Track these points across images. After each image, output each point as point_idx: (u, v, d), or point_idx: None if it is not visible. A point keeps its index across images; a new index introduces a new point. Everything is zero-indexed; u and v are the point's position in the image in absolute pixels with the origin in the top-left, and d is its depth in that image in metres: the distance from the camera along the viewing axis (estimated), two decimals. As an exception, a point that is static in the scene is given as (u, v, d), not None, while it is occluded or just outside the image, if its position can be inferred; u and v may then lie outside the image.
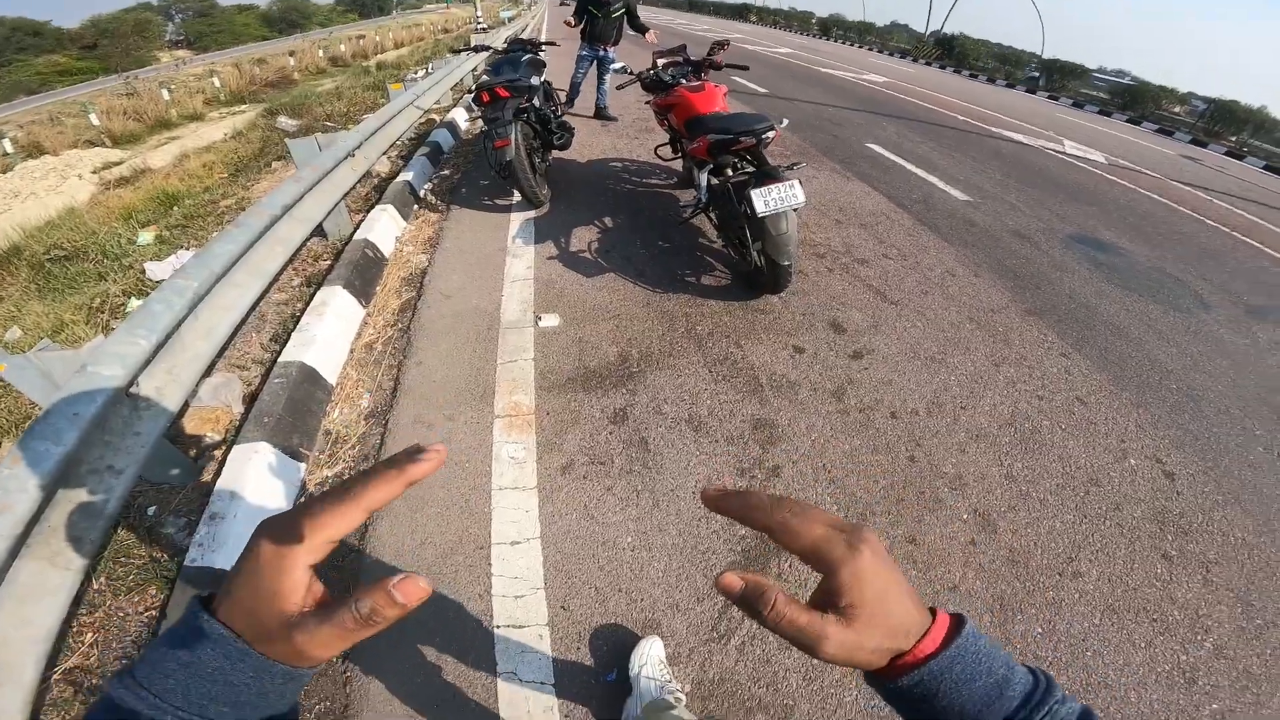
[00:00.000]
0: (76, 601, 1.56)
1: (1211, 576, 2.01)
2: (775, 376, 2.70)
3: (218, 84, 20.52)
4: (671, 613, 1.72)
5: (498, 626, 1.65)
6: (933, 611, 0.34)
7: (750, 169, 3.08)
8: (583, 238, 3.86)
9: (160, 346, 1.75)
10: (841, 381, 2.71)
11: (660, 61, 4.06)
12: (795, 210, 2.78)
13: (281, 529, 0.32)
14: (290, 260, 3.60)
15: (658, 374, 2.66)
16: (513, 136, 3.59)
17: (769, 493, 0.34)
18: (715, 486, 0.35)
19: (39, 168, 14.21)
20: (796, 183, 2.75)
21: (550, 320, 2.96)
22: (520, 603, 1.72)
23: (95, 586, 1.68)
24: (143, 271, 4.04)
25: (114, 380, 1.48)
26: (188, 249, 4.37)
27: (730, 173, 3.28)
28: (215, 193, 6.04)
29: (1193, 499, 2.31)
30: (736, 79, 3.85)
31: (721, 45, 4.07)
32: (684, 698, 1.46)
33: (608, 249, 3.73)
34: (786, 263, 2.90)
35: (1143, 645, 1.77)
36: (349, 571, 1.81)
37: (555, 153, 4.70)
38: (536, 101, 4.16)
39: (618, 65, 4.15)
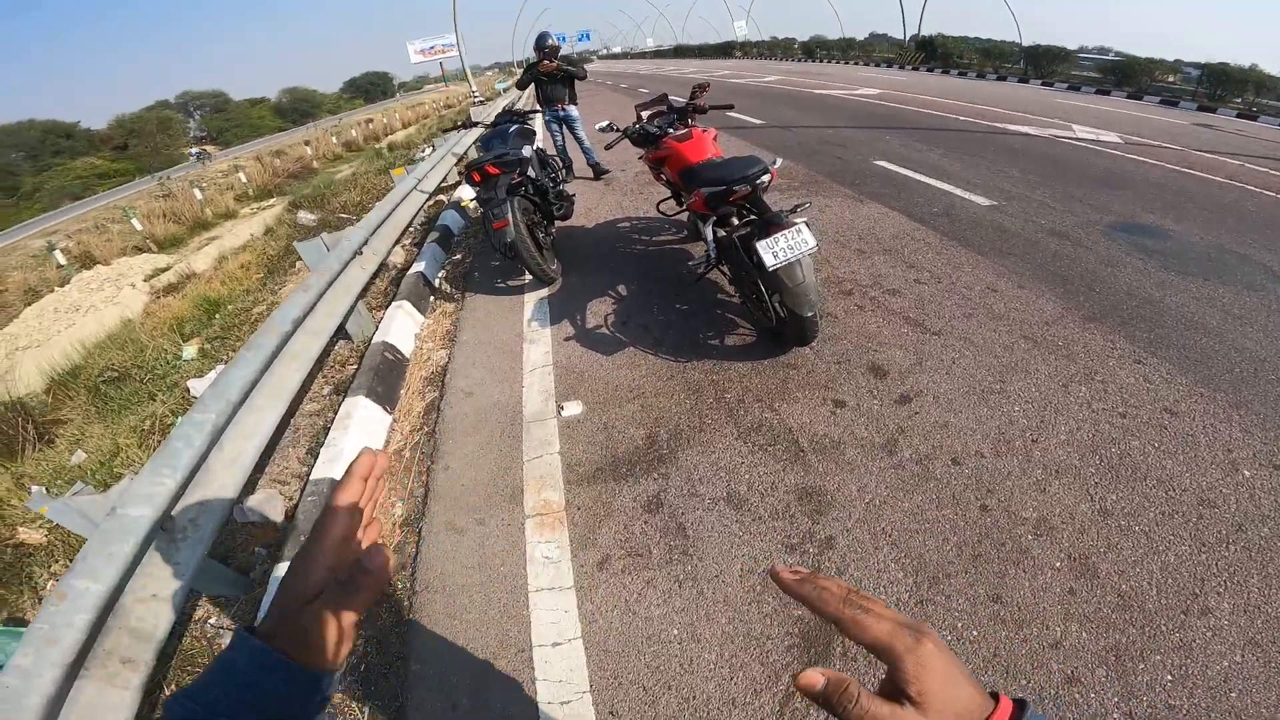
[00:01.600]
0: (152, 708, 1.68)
1: None
2: (817, 438, 2.51)
3: (244, 179, 21.69)
4: (728, 709, 1.58)
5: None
6: (995, 696, 0.34)
7: (753, 217, 2.96)
8: (598, 311, 3.77)
9: (189, 480, 1.85)
10: (891, 432, 2.49)
11: (644, 114, 4.00)
12: (810, 255, 2.63)
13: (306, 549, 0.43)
14: (316, 372, 3.64)
15: (689, 452, 2.50)
16: (510, 216, 3.54)
17: (838, 580, 0.36)
18: (789, 568, 0.37)
19: (94, 278, 15.05)
20: (804, 226, 2.59)
21: (573, 408, 2.84)
22: (567, 709, 1.63)
23: (169, 692, 1.78)
24: (187, 390, 4.15)
25: (144, 519, 1.61)
26: (225, 362, 4.49)
27: (735, 221, 3.16)
28: (249, 299, 6.25)
29: None
30: (735, 115, 3.80)
31: (703, 88, 4.00)
32: None
33: (624, 320, 3.63)
34: (810, 314, 2.74)
35: None
36: (395, 681, 1.79)
37: (560, 222, 4.66)
38: (532, 172, 4.14)
39: (603, 124, 4.11)
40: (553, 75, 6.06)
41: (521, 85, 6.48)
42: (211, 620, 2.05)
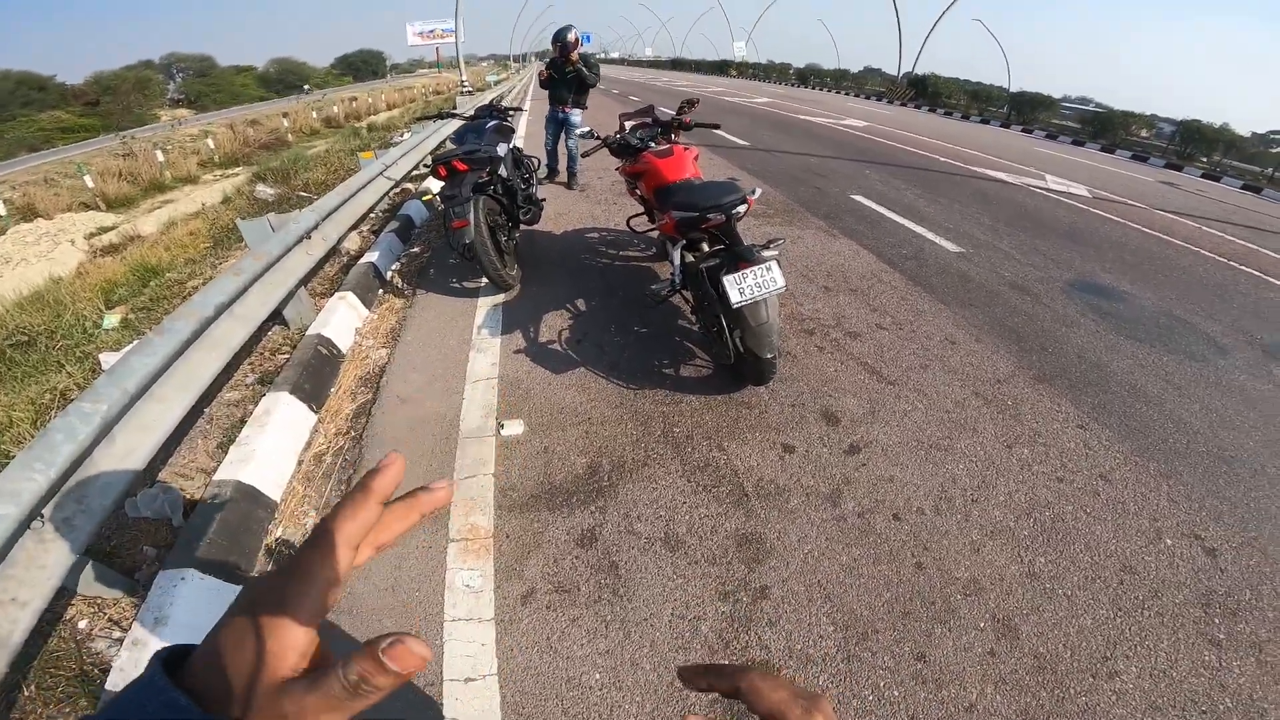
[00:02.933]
0: (8, 708, 1.60)
1: (1265, 657, 1.82)
2: (762, 482, 2.42)
3: (211, 145, 20.79)
4: None
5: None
6: None
7: (722, 246, 2.85)
8: (553, 325, 3.61)
9: (67, 475, 1.68)
10: (837, 483, 2.43)
11: (627, 124, 3.86)
12: (776, 295, 2.53)
13: (273, 588, 0.29)
14: (243, 357, 3.38)
15: (631, 487, 2.38)
16: (471, 216, 3.37)
17: (739, 664, 0.38)
18: (686, 665, 0.38)
19: (31, 232, 14.17)
20: (774, 264, 2.49)
21: (514, 428, 2.68)
22: None
23: (27, 693, 1.64)
24: (98, 364, 3.82)
25: (8, 518, 1.46)
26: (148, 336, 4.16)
27: (705, 248, 3.05)
28: (188, 270, 5.87)
29: (1238, 575, 2.11)
30: (720, 134, 3.72)
31: (691, 104, 3.89)
32: None
33: (579, 338, 3.48)
34: (769, 355, 2.64)
35: None
36: None
37: (526, 227, 4.48)
38: (503, 171, 3.97)
39: (583, 130, 3.97)
40: (563, 74, 5.77)
41: (548, 70, 5.95)
42: (83, 623, 1.86)
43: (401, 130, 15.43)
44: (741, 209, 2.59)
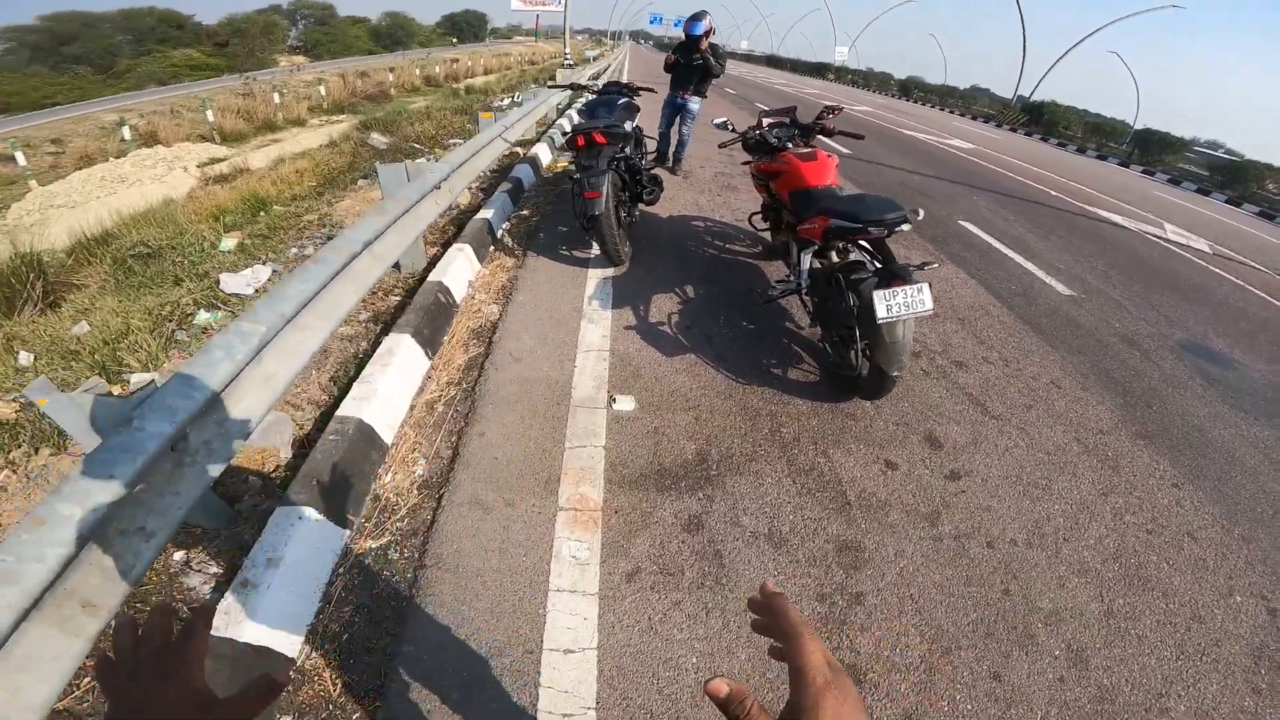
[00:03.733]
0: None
1: None
2: (865, 494, 2.43)
3: (323, 92, 21.84)
4: None
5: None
6: None
7: (859, 257, 2.82)
8: (662, 307, 3.67)
9: (217, 395, 1.60)
10: (936, 505, 2.43)
11: (767, 121, 3.84)
12: (919, 318, 2.50)
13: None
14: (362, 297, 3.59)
15: (738, 480, 2.42)
16: (604, 189, 3.46)
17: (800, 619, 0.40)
18: (768, 587, 0.44)
19: (150, 156, 15.29)
20: (926, 286, 2.45)
21: (626, 403, 2.76)
22: None
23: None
24: (216, 282, 4.05)
25: (159, 437, 1.34)
26: (264, 263, 4.39)
27: (835, 257, 3.03)
28: (301, 205, 6.20)
29: None
30: (819, 136, 3.69)
31: (833, 110, 3.82)
32: None
33: (688, 324, 3.53)
34: (895, 373, 2.62)
35: None
36: (380, 657, 1.66)
37: (645, 206, 4.55)
38: (628, 150, 4.04)
39: (720, 120, 3.97)
40: (690, 60, 5.69)
41: (668, 68, 5.90)
42: (177, 555, 1.84)
43: (501, 95, 15.75)
44: (905, 227, 2.56)
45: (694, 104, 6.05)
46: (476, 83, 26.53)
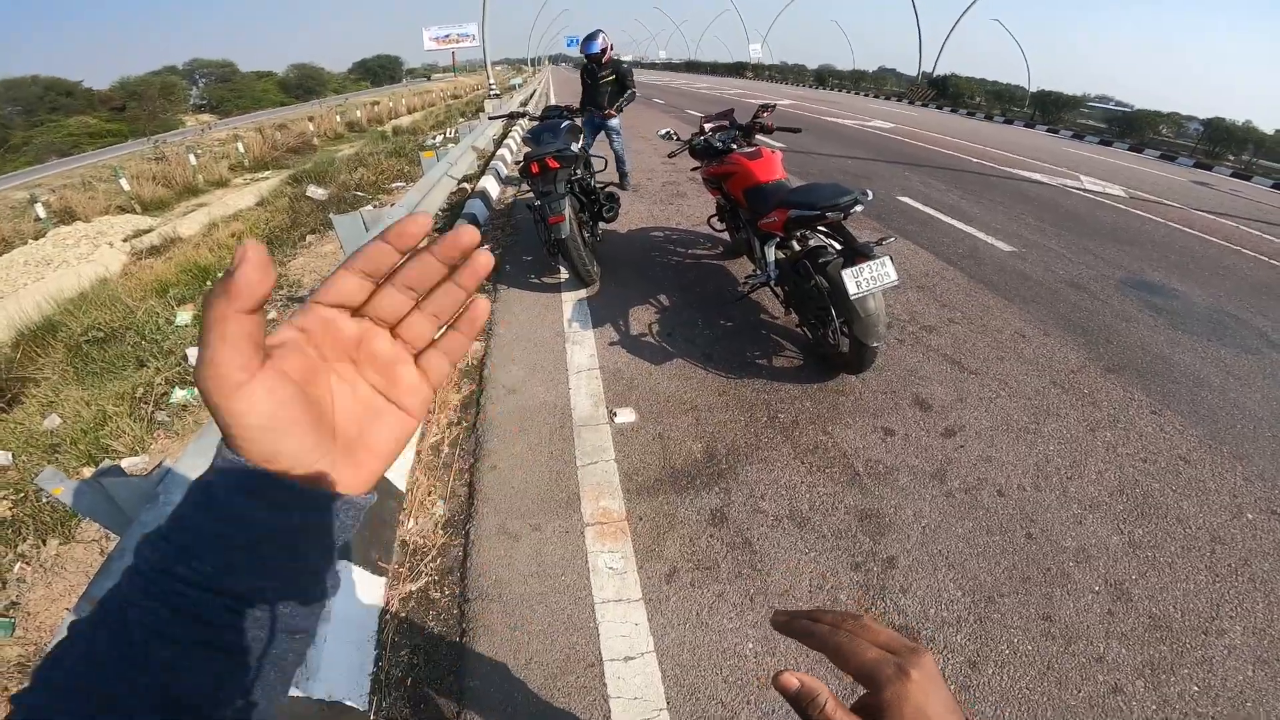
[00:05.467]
0: None
1: None
2: (871, 463, 2.54)
3: (241, 149, 21.18)
4: None
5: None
6: None
7: (819, 243, 2.96)
8: (641, 319, 3.75)
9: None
10: (940, 462, 2.56)
11: (708, 126, 3.98)
12: (887, 289, 2.65)
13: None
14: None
15: (749, 469, 2.50)
16: (567, 212, 3.51)
17: (836, 611, 0.36)
18: (783, 611, 0.37)
19: (71, 234, 14.47)
20: (888, 259, 2.62)
21: (626, 415, 2.81)
22: None
23: None
24: (184, 358, 3.95)
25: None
26: None
27: (797, 246, 3.17)
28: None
29: None
30: (760, 137, 3.84)
31: (767, 109, 4.00)
32: None
33: (669, 331, 3.62)
34: (875, 344, 2.76)
35: None
36: (449, 699, 1.67)
37: (605, 224, 4.62)
38: (580, 171, 4.11)
39: (664, 131, 4.09)
40: (597, 79, 5.76)
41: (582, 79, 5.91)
42: None
43: (432, 132, 15.66)
44: (859, 208, 2.71)
45: (614, 121, 6.11)
46: (403, 123, 26.26)
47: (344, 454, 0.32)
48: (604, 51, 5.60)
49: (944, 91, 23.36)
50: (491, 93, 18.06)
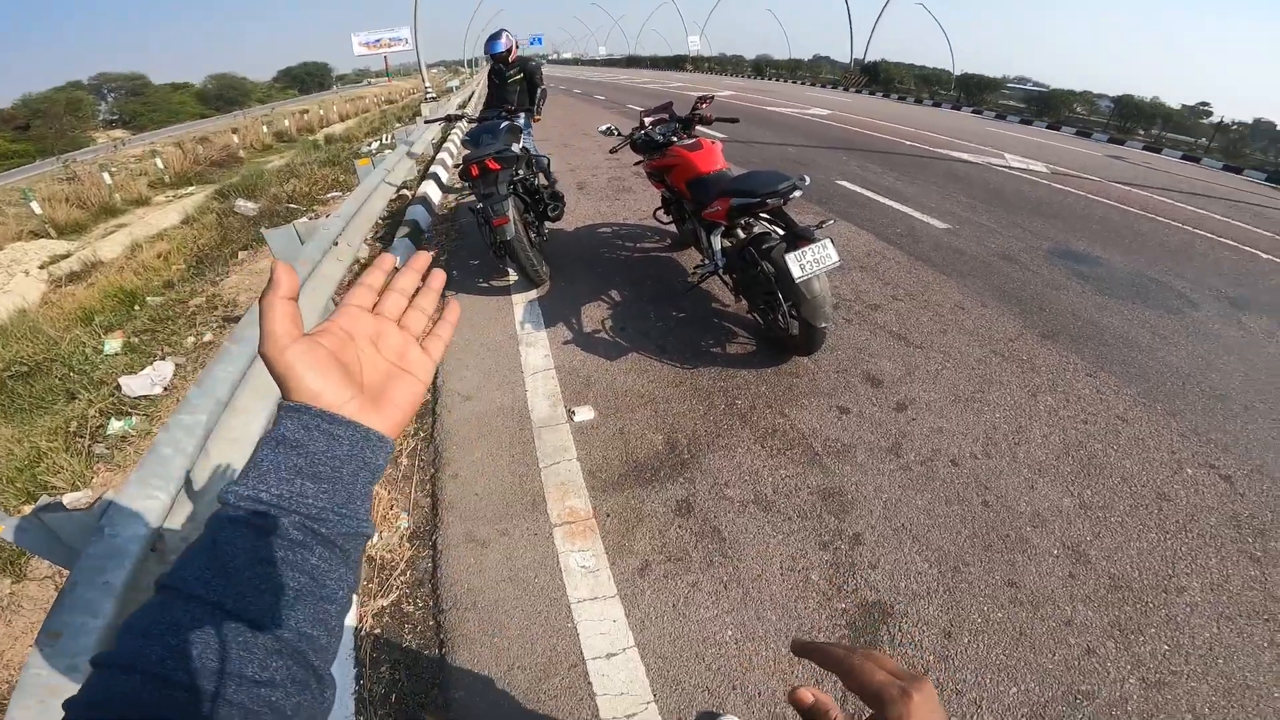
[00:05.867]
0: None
1: None
2: (829, 442, 2.61)
3: (160, 165, 19.95)
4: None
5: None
6: None
7: (763, 229, 3.01)
8: (593, 316, 3.73)
9: (178, 492, 1.61)
10: (894, 437, 2.65)
11: (648, 120, 3.99)
12: (830, 270, 2.72)
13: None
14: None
15: (711, 457, 2.53)
16: (511, 213, 3.46)
17: (848, 646, 0.40)
18: (800, 638, 0.43)
19: None
20: (829, 241, 2.69)
21: (585, 413, 2.79)
22: None
23: None
24: (117, 387, 3.75)
25: (137, 540, 1.39)
26: (162, 358, 4.10)
27: (742, 234, 3.21)
28: (182, 290, 5.74)
29: (1256, 499, 2.37)
30: (700, 130, 3.85)
31: (705, 100, 4.04)
32: None
33: (622, 325, 3.61)
34: (824, 325, 2.83)
35: (1266, 646, 1.78)
36: (436, 712, 1.64)
37: (551, 223, 4.56)
38: (521, 171, 4.05)
39: (604, 127, 4.07)
40: (505, 80, 5.50)
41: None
42: None
43: (367, 139, 15.16)
44: (797, 193, 2.77)
45: (521, 119, 5.54)
46: (335, 130, 25.27)
47: (371, 403, 0.42)
48: (509, 50, 5.42)
49: (875, 77, 24.14)
50: (428, 96, 17.59)
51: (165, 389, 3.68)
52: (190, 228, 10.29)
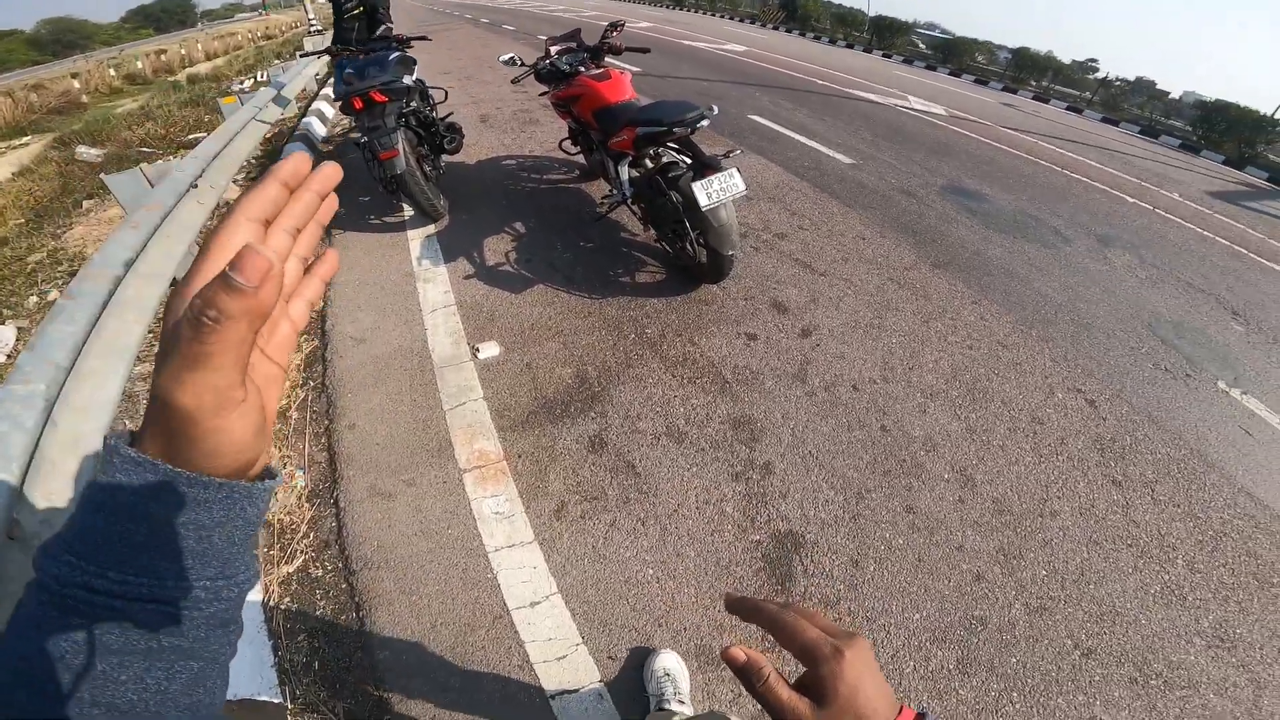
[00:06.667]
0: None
1: (1157, 495, 2.23)
2: (738, 369, 2.64)
3: (-15, 115, 16.91)
4: (718, 634, 1.67)
5: (552, 696, 1.51)
6: (900, 709, 0.37)
7: (673, 159, 2.93)
8: (497, 249, 3.54)
9: (25, 473, 1.44)
10: (800, 363, 2.71)
11: (554, 50, 3.72)
12: (737, 198, 2.68)
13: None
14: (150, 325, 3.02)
15: (622, 389, 2.49)
16: (400, 145, 3.17)
17: (778, 601, 0.39)
18: (733, 594, 0.41)
19: None
20: (735, 171, 2.64)
21: (490, 350, 2.66)
22: (565, 664, 1.59)
23: None
24: None
25: None
26: (2, 322, 3.58)
27: (650, 164, 3.11)
28: (18, 246, 4.95)
29: (1116, 423, 2.56)
30: (611, 61, 3.62)
31: (615, 27, 3.80)
32: (686, 702, 1.45)
33: (528, 257, 3.45)
34: (731, 252, 2.81)
35: (1130, 571, 1.92)
36: (363, 674, 1.57)
37: (448, 156, 4.23)
38: (415, 103, 3.72)
39: (506, 56, 3.75)
40: (343, 13, 4.66)
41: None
42: None
43: (238, 77, 13.50)
44: (704, 123, 2.68)
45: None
46: (200, 70, 22.28)
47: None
48: None
49: (793, 14, 23.94)
50: (312, 28, 15.67)
51: (8, 356, 3.22)
52: (28, 180, 8.86)
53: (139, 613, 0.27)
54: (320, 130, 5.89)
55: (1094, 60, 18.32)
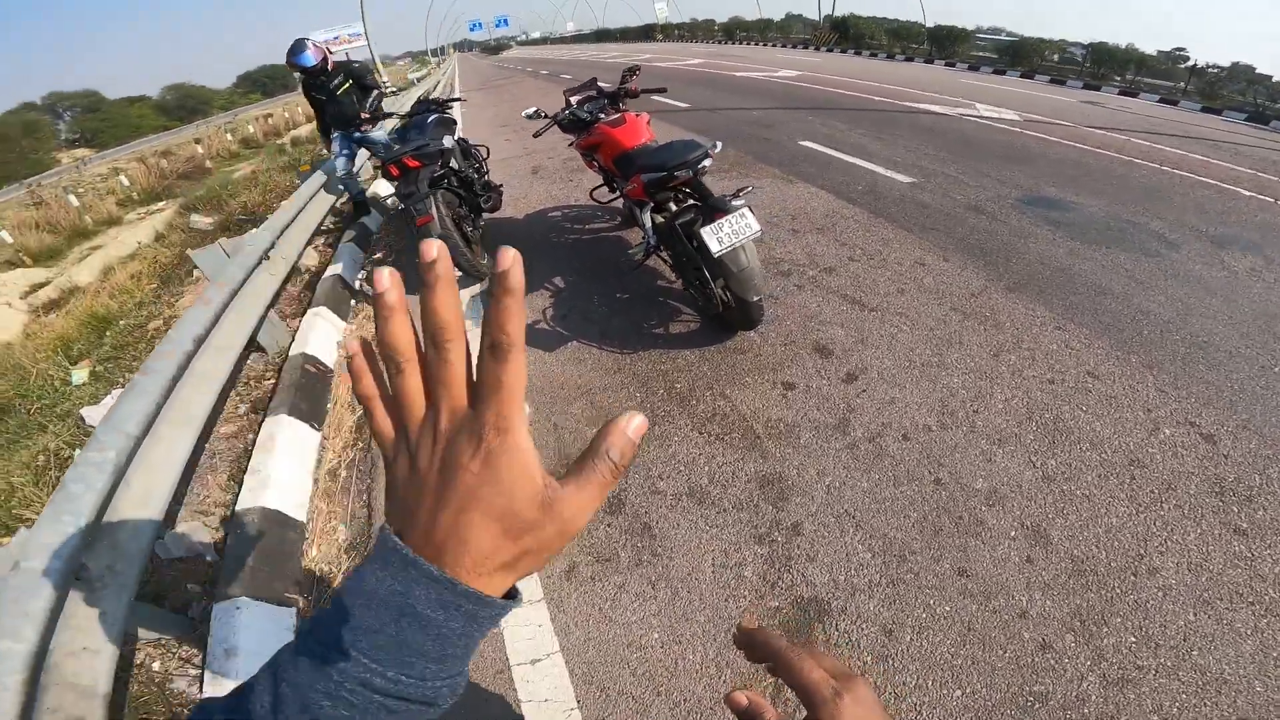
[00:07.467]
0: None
1: None
2: (771, 423, 2.50)
3: (125, 182, 19.61)
4: (721, 708, 1.54)
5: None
6: None
7: (690, 204, 2.89)
8: (536, 305, 3.61)
9: (96, 523, 1.69)
10: (842, 412, 2.52)
11: (573, 99, 3.83)
12: (753, 240, 2.59)
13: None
14: (228, 390, 3.31)
15: (645, 448, 2.43)
16: (434, 210, 3.34)
17: (787, 640, 0.37)
18: (747, 624, 0.39)
19: None
20: (747, 211, 2.56)
21: (520, 410, 2.70)
22: None
23: None
24: (81, 419, 3.76)
25: (55, 571, 1.49)
26: (123, 386, 4.11)
27: (674, 207, 3.09)
28: (143, 313, 5.64)
29: (1242, 460, 2.15)
30: (659, 99, 3.68)
31: (633, 71, 3.87)
32: None
33: (565, 313, 3.49)
34: (755, 298, 2.71)
35: (1248, 633, 1.61)
36: None
37: (489, 214, 4.43)
38: (455, 164, 3.92)
39: (529, 111, 3.89)
40: (329, 92, 4.87)
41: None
42: (156, 665, 1.89)
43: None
44: (707, 163, 2.65)
45: (377, 133, 5.25)
46: (301, 133, 24.80)
47: None
48: (324, 59, 4.85)
49: (846, 34, 23.52)
50: (388, 90, 17.12)
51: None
52: (161, 245, 10.11)
53: (403, 712, 0.29)
54: (388, 195, 6.33)
55: (1182, 49, 16.58)
